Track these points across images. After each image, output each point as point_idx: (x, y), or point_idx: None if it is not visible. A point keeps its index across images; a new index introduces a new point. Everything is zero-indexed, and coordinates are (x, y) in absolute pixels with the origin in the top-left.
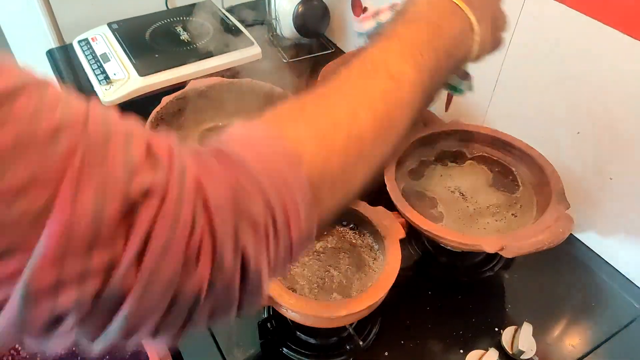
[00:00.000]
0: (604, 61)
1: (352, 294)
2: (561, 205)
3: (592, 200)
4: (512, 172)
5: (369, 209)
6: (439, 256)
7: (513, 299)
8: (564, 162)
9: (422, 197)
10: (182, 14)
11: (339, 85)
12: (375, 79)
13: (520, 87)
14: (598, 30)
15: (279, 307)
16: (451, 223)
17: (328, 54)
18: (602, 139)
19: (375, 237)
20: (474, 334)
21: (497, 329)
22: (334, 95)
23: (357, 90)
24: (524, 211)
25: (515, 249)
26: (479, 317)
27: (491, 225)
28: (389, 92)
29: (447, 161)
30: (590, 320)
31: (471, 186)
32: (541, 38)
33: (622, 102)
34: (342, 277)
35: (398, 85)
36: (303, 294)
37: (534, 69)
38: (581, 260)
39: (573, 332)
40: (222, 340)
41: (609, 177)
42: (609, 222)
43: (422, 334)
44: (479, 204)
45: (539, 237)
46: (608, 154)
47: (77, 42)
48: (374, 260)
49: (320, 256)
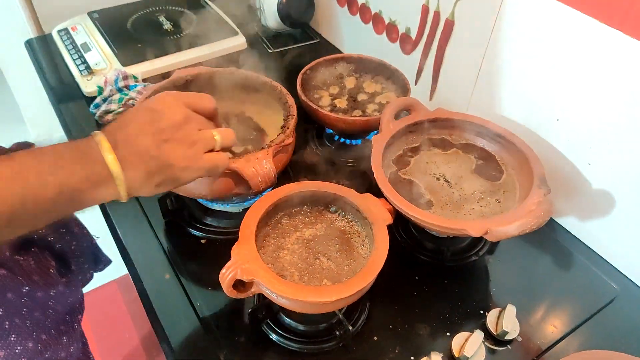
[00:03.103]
0: (583, 50)
1: (342, 279)
2: (542, 189)
3: (572, 186)
4: (495, 158)
5: (357, 196)
6: (424, 242)
7: (497, 283)
8: (544, 148)
9: (409, 184)
10: (165, 4)
11: None
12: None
13: (503, 75)
14: (577, 19)
15: (268, 294)
16: (438, 209)
17: (313, 44)
18: (580, 125)
19: (363, 224)
20: (460, 317)
21: (482, 312)
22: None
23: None
24: (507, 197)
25: (499, 232)
26: (465, 301)
27: (476, 211)
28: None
29: (433, 149)
30: (570, 302)
31: (456, 173)
32: (522, 27)
33: (600, 90)
34: (332, 264)
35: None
36: (293, 281)
37: (516, 58)
38: (562, 244)
39: (555, 313)
40: (211, 329)
41: (588, 162)
42: (588, 207)
43: (410, 318)
44: (463, 191)
45: (521, 220)
46: (587, 140)
47: (56, 32)
48: (362, 246)
49: (310, 244)
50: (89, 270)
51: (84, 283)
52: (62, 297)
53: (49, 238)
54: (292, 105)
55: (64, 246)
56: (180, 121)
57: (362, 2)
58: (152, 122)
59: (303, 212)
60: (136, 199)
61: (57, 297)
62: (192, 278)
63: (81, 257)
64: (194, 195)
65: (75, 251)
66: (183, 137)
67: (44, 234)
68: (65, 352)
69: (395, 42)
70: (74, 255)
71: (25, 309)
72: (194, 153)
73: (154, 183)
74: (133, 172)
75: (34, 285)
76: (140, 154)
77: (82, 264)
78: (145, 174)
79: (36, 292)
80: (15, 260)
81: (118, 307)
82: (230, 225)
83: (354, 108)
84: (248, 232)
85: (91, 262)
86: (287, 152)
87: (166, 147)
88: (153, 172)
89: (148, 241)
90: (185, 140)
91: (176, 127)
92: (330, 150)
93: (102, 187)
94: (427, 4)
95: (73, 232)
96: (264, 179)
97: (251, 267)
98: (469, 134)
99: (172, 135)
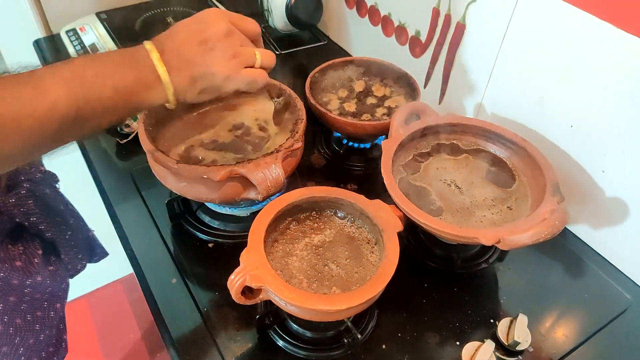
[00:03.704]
0: (598, 55)
1: (352, 287)
2: (556, 197)
3: (584, 193)
4: (507, 165)
5: (367, 202)
6: (433, 248)
7: (508, 291)
8: (557, 154)
9: (419, 190)
10: (173, 4)
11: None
12: (26, 85)
13: (515, 80)
14: (593, 24)
15: (277, 301)
16: (449, 216)
17: (321, 45)
18: (595, 132)
19: (372, 230)
20: (470, 326)
21: (492, 321)
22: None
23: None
24: (519, 204)
25: (511, 241)
26: (475, 309)
27: (487, 218)
28: (29, 98)
29: (443, 154)
30: (582, 311)
31: (467, 179)
32: (536, 31)
33: (615, 96)
34: (341, 271)
35: (42, 97)
36: (302, 288)
37: (528, 63)
38: (573, 252)
39: (566, 323)
40: (218, 335)
41: (602, 170)
42: (600, 215)
43: (418, 326)
44: (475, 197)
45: (535, 229)
46: (601, 147)
47: (64, 32)
48: (372, 253)
49: (319, 250)
50: (81, 261)
51: (74, 273)
52: (40, 287)
53: (40, 226)
54: (302, 110)
55: (56, 235)
56: (224, 33)
57: (372, 4)
58: (198, 33)
59: (311, 217)
60: (144, 202)
61: (34, 285)
62: (199, 282)
63: (75, 247)
64: (202, 200)
65: (70, 241)
66: (226, 48)
67: (36, 222)
68: (34, 339)
69: (405, 45)
70: (67, 244)
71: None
72: (235, 65)
73: (197, 89)
74: (179, 77)
75: (13, 272)
76: (186, 61)
77: (76, 254)
78: (189, 79)
79: (12, 279)
80: (5, 244)
81: (123, 307)
82: (237, 229)
83: (362, 112)
84: (257, 238)
85: (85, 254)
86: (296, 156)
87: (210, 56)
88: (197, 77)
89: (155, 245)
90: (228, 51)
91: (220, 38)
92: (338, 153)
93: (152, 90)
94: (437, 7)
95: (69, 223)
96: (273, 184)
97: (260, 273)
98: (479, 139)
99: (216, 45)
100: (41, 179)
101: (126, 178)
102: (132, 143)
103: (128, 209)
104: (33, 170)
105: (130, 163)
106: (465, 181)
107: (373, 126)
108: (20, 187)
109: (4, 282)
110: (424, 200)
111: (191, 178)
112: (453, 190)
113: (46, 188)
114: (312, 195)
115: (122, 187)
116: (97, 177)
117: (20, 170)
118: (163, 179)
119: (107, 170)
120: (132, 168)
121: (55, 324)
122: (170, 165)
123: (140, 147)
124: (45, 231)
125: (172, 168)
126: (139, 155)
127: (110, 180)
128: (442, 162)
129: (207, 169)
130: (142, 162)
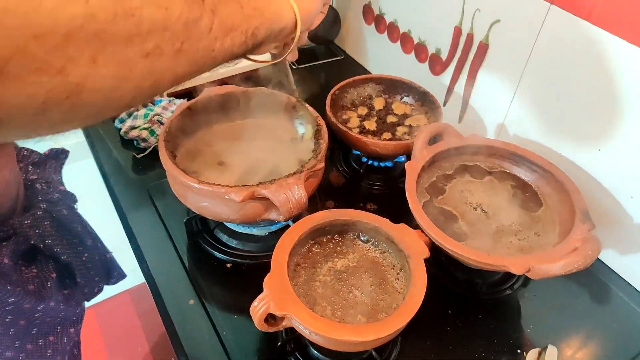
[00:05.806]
0: (627, 78)
1: (377, 316)
2: (586, 225)
3: (612, 219)
4: (533, 188)
5: (392, 227)
6: (455, 272)
7: (533, 319)
8: (583, 178)
9: (444, 214)
10: None
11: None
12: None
13: (539, 101)
14: (623, 48)
15: (302, 330)
16: (475, 242)
17: (338, 60)
18: (624, 156)
19: (398, 256)
20: (496, 357)
21: (519, 351)
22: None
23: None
24: (546, 230)
25: (541, 270)
26: (501, 338)
27: (514, 245)
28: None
29: (467, 175)
30: (610, 341)
31: (493, 203)
32: (562, 54)
33: None
34: (366, 298)
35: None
36: (325, 316)
37: (553, 84)
38: (600, 279)
39: (595, 354)
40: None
41: (630, 195)
42: (628, 241)
43: (443, 355)
44: (501, 222)
45: (567, 259)
46: (630, 172)
47: None
48: (397, 280)
49: (342, 276)
50: (98, 284)
51: (91, 296)
52: (52, 312)
53: (56, 249)
54: (324, 130)
55: (72, 258)
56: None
57: (391, 21)
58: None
59: (334, 240)
60: (160, 218)
61: (45, 310)
62: (217, 304)
63: (92, 270)
64: (223, 220)
65: (87, 263)
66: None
67: (52, 244)
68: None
69: (424, 62)
70: (84, 267)
71: (10, 317)
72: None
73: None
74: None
75: (26, 296)
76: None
77: (92, 276)
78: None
79: (24, 303)
80: (18, 266)
81: (131, 319)
82: (256, 249)
83: (383, 130)
84: (280, 263)
85: (102, 276)
86: (318, 176)
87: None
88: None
89: (172, 263)
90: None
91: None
92: (357, 172)
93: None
94: (459, 26)
95: (86, 244)
96: (296, 205)
97: (284, 301)
98: (504, 161)
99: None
100: (59, 199)
101: (143, 193)
102: (148, 157)
103: (144, 225)
104: (51, 190)
105: (146, 178)
106: (490, 205)
107: (396, 146)
108: (36, 208)
109: (16, 307)
110: (450, 224)
111: (212, 198)
112: (479, 214)
113: (64, 209)
114: (335, 218)
115: (139, 203)
116: (113, 192)
117: (38, 191)
118: (183, 198)
119: (124, 185)
120: (149, 184)
121: (68, 349)
122: (192, 185)
123: (157, 162)
124: (61, 254)
125: (194, 188)
126: (155, 170)
127: (126, 196)
128: (466, 185)
129: (230, 190)
130: (159, 177)
